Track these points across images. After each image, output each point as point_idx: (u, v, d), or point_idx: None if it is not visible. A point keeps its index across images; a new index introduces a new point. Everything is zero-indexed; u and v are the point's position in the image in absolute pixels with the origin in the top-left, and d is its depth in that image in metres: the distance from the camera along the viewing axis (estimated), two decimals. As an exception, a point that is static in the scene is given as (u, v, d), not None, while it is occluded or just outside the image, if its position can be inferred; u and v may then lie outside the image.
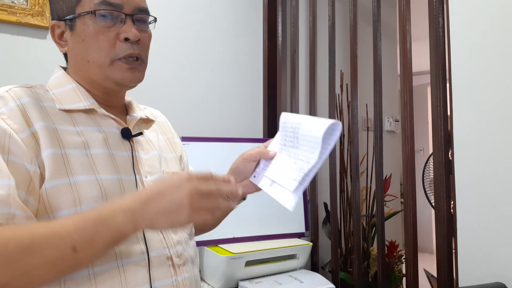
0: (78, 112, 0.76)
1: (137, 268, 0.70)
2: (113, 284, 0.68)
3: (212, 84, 1.99)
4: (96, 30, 0.74)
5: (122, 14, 0.75)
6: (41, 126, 0.69)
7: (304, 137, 0.76)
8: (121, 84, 0.78)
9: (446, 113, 1.30)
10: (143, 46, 0.79)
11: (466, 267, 1.20)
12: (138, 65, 0.78)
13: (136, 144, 0.81)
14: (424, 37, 1.56)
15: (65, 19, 0.76)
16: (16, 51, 1.56)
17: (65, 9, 0.76)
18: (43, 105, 0.72)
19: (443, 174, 1.29)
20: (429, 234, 4.64)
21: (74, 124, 0.74)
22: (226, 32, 2.08)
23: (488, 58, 1.18)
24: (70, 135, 0.72)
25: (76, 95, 0.77)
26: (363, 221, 1.91)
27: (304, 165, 0.74)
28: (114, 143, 0.77)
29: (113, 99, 0.82)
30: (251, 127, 2.13)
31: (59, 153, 0.69)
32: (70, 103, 0.75)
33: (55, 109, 0.74)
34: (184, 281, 0.77)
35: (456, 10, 1.26)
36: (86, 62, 0.76)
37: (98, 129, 0.76)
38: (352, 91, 1.75)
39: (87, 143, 0.73)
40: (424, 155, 4.98)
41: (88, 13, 0.74)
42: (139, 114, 0.85)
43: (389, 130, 2.49)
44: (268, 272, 1.53)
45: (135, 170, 0.78)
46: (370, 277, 1.83)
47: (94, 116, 0.77)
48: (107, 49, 0.75)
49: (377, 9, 1.63)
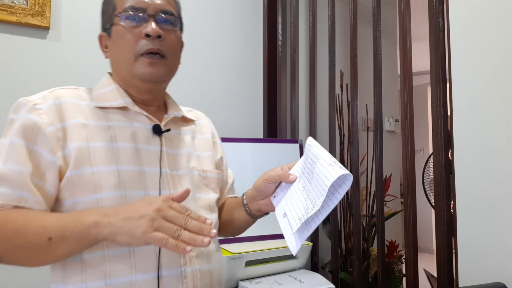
0: (113, 109, 0.84)
1: (147, 255, 0.76)
2: (124, 267, 0.74)
3: (212, 84, 1.99)
4: (123, 31, 0.82)
5: (145, 15, 0.82)
6: (73, 122, 0.78)
7: (318, 176, 0.75)
8: (144, 79, 0.83)
9: (446, 113, 1.30)
10: (166, 43, 0.84)
11: (466, 267, 1.20)
12: (158, 60, 0.83)
13: (165, 140, 0.87)
14: (424, 37, 1.56)
15: (106, 29, 0.87)
16: (16, 51, 1.56)
17: (106, 20, 0.87)
18: (81, 104, 0.82)
19: (443, 174, 1.29)
20: (429, 234, 4.65)
21: (106, 120, 0.82)
22: (226, 32, 2.08)
23: (488, 58, 1.18)
24: (100, 129, 0.80)
25: (113, 94, 0.85)
26: (363, 221, 1.91)
27: (310, 207, 0.73)
28: (143, 138, 0.84)
29: (148, 97, 0.88)
30: (251, 127, 2.13)
31: (85, 146, 0.77)
32: (106, 102, 0.84)
33: (92, 107, 0.82)
34: (194, 272, 0.80)
35: (456, 10, 1.26)
36: (118, 62, 0.85)
37: (129, 125, 0.83)
38: (352, 91, 1.75)
39: (115, 137, 0.81)
40: (424, 155, 4.98)
41: (116, 16, 0.83)
42: (175, 113, 0.92)
43: (389, 130, 2.49)
44: (268, 272, 1.53)
45: (161, 163, 0.84)
46: (370, 277, 1.83)
47: (128, 113, 0.84)
48: (132, 46, 0.82)
49: (377, 9, 1.63)
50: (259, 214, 0.92)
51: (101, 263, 0.74)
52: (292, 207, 0.78)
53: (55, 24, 1.63)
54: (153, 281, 0.75)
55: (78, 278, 0.74)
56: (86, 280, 0.74)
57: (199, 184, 0.90)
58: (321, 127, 2.04)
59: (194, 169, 0.90)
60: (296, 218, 0.75)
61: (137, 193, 0.78)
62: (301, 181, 0.80)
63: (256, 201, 0.89)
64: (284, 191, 0.83)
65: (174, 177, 0.85)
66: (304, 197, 0.76)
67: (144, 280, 0.75)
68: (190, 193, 0.84)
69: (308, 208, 0.73)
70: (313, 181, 0.76)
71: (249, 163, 1.72)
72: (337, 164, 0.73)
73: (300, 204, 0.76)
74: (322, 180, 0.72)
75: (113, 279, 0.74)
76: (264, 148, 1.79)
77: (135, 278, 0.75)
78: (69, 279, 0.75)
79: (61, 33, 1.65)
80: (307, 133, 2.08)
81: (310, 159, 0.80)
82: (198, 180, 0.91)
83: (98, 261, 0.74)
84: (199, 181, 0.91)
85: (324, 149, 0.79)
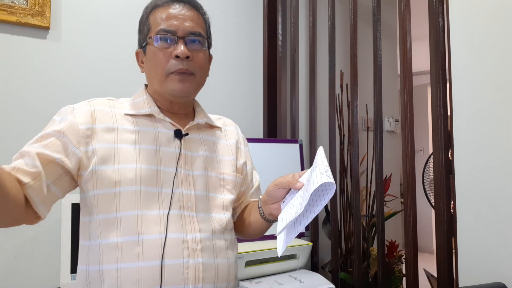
0: (141, 116, 0.95)
1: (153, 244, 0.85)
2: (133, 253, 0.84)
3: (212, 84, 1.99)
4: (156, 50, 0.92)
5: (175, 37, 0.92)
6: (102, 126, 0.90)
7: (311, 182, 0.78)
8: (174, 95, 0.94)
9: (446, 113, 1.30)
10: (194, 62, 0.93)
11: (466, 267, 1.20)
12: (187, 78, 0.93)
13: (185, 143, 0.96)
14: (424, 37, 1.56)
15: (142, 47, 0.97)
16: (16, 51, 1.56)
17: (142, 39, 0.97)
18: (114, 111, 0.94)
19: (443, 174, 1.29)
20: (429, 234, 4.65)
21: (134, 124, 0.93)
22: (226, 32, 2.08)
23: (488, 58, 1.18)
24: (127, 133, 0.91)
25: (143, 103, 0.96)
26: (363, 221, 1.91)
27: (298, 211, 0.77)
28: (165, 141, 0.94)
29: (175, 107, 0.98)
30: (251, 127, 2.13)
31: (111, 147, 0.89)
32: (135, 110, 0.95)
33: (122, 114, 0.94)
34: (196, 264, 0.87)
35: (456, 10, 1.26)
36: (152, 79, 0.95)
37: (153, 130, 0.94)
38: (352, 91, 1.75)
39: (139, 140, 0.92)
40: (424, 155, 4.98)
41: (150, 38, 0.93)
42: (198, 120, 1.01)
43: (389, 130, 2.49)
44: (268, 272, 1.53)
45: (177, 163, 0.93)
46: (370, 277, 1.83)
47: (154, 120, 0.95)
48: (163, 65, 0.92)
49: (377, 9, 1.63)
50: (272, 218, 0.97)
51: (114, 249, 0.84)
52: (288, 211, 0.82)
53: (55, 24, 1.63)
54: (157, 268, 0.84)
55: (96, 259, 0.86)
56: (102, 262, 0.85)
57: (215, 185, 0.98)
58: (321, 127, 2.04)
59: (212, 171, 0.98)
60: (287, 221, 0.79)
61: (151, 189, 0.88)
62: (304, 188, 0.84)
63: (268, 205, 0.94)
64: (291, 196, 0.88)
65: (188, 177, 0.94)
66: (299, 202, 0.80)
67: (149, 267, 0.84)
68: (204, 192, 0.94)
69: (296, 213, 0.77)
70: (307, 188, 0.80)
71: (249, 163, 1.72)
72: (327, 172, 0.77)
73: (294, 210, 0.80)
74: (310, 187, 0.77)
75: (124, 263, 0.84)
76: (264, 148, 1.79)
77: (142, 264, 0.84)
78: (90, 261, 0.87)
79: (61, 33, 1.65)
80: (307, 133, 2.08)
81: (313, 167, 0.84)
82: (215, 181, 0.98)
83: (112, 247, 0.85)
84: (215, 182, 0.98)
85: (325, 157, 0.83)
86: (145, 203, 0.87)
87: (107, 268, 0.84)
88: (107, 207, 0.86)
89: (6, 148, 1.49)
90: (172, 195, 0.89)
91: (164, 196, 0.89)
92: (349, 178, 1.92)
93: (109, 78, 1.73)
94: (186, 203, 0.91)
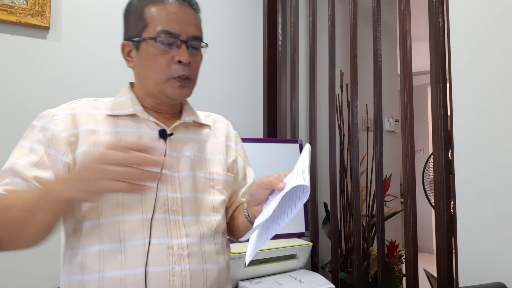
0: (123, 116, 0.91)
1: (136, 251, 0.81)
2: (116, 262, 0.80)
3: (212, 84, 1.99)
4: (156, 52, 0.88)
5: (178, 41, 0.89)
6: (84, 128, 0.86)
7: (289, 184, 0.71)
8: (171, 98, 0.91)
9: (446, 113, 1.30)
10: (193, 68, 0.92)
11: (466, 267, 1.20)
12: (187, 83, 0.91)
13: (171, 143, 0.92)
14: (424, 37, 1.56)
15: (133, 41, 0.91)
16: (16, 51, 1.56)
17: (134, 32, 0.91)
18: (94, 113, 0.90)
19: (443, 174, 1.29)
20: (429, 234, 4.64)
21: (115, 126, 0.89)
22: (226, 32, 2.08)
23: (488, 58, 1.18)
24: (107, 135, 0.87)
25: (127, 103, 0.92)
26: (363, 221, 1.91)
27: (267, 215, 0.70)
28: (149, 141, 0.90)
29: (164, 107, 0.95)
30: (251, 127, 2.13)
31: (92, 150, 0.84)
32: (117, 110, 0.91)
33: (104, 115, 0.90)
34: (183, 271, 0.83)
35: (456, 10, 1.26)
36: (146, 78, 0.91)
37: (137, 130, 0.90)
38: (352, 91, 1.75)
39: (121, 141, 0.87)
40: (424, 155, 4.98)
41: (151, 38, 0.88)
42: (185, 119, 0.97)
43: (389, 130, 2.49)
44: (268, 272, 1.53)
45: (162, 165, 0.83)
46: (370, 277, 1.83)
47: (137, 119, 0.91)
48: (164, 69, 0.88)
49: (377, 9, 1.63)
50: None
51: (96, 257, 0.81)
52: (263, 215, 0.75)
53: (55, 24, 1.63)
54: (141, 276, 0.80)
55: (78, 268, 0.83)
56: (83, 271, 0.82)
57: (204, 186, 0.94)
58: (321, 127, 2.04)
59: (200, 172, 0.94)
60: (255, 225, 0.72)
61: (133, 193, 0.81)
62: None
63: (251, 206, 0.88)
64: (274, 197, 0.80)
65: (174, 179, 0.89)
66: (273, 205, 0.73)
67: (133, 275, 0.80)
68: (191, 194, 0.90)
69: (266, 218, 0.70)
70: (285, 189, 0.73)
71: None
72: (304, 173, 0.69)
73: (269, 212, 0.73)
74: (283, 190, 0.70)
75: (106, 273, 0.80)
76: (264, 148, 1.79)
77: (125, 273, 0.80)
78: (72, 271, 0.84)
79: (61, 33, 1.65)
80: (307, 133, 2.07)
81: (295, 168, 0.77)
82: (204, 182, 0.94)
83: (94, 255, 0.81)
84: (204, 183, 0.94)
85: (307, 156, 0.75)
86: (127, 208, 0.83)
87: (89, 278, 0.81)
88: (88, 214, 0.83)
89: (6, 148, 1.49)
90: (156, 199, 0.85)
91: (147, 200, 0.84)
92: (349, 178, 1.92)
93: (109, 78, 1.73)
94: (171, 206, 0.87)
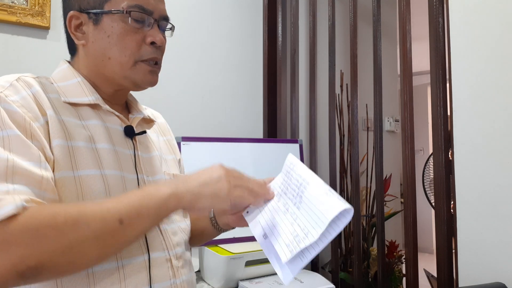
0: (83, 106, 0.76)
1: (137, 268, 0.70)
2: (112, 284, 0.67)
3: (212, 84, 1.99)
4: (125, 29, 0.75)
5: (151, 19, 0.77)
6: (51, 115, 0.69)
7: (310, 203, 0.68)
8: (139, 85, 0.79)
9: (446, 113, 1.30)
10: (162, 52, 0.81)
11: (466, 267, 1.20)
12: (157, 69, 0.80)
13: (138, 143, 0.81)
14: (424, 37, 1.56)
15: (89, 12, 0.76)
16: (16, 51, 1.56)
17: (92, 2, 0.77)
18: (49, 96, 0.72)
19: (443, 174, 1.29)
20: (429, 234, 4.65)
21: (79, 117, 0.74)
22: (226, 32, 2.08)
23: (488, 58, 1.18)
24: (76, 127, 0.72)
25: (81, 89, 0.77)
26: (363, 221, 1.91)
27: (301, 235, 0.66)
28: (117, 140, 0.77)
29: (119, 97, 0.83)
30: (251, 127, 2.13)
31: (66, 145, 0.69)
32: (75, 97, 0.75)
33: (60, 101, 0.73)
34: (182, 283, 0.77)
35: (456, 10, 1.26)
36: (107, 59, 0.76)
37: (102, 124, 0.76)
38: (352, 91, 1.75)
39: (93, 137, 0.73)
40: (424, 155, 4.98)
41: (119, 12, 0.75)
42: (141, 113, 0.86)
43: (389, 130, 2.49)
44: (268, 272, 1.53)
45: (137, 169, 0.78)
46: (370, 277, 1.83)
47: (99, 112, 0.77)
48: (133, 50, 0.76)
49: (377, 9, 1.63)
50: (227, 228, 0.89)
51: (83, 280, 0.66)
52: (274, 229, 0.71)
53: (55, 24, 1.63)
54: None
55: None
56: None
57: None
58: (321, 127, 2.04)
59: (165, 174, 0.85)
60: (281, 244, 0.68)
61: None
62: (281, 201, 0.73)
63: (226, 215, 0.83)
64: (259, 208, 0.76)
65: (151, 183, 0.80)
66: (289, 221, 0.69)
67: None
68: None
69: (298, 236, 0.66)
70: (302, 206, 0.69)
71: (249, 163, 1.72)
72: (334, 193, 0.66)
73: (285, 228, 0.69)
74: (318, 211, 0.66)
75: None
76: (264, 148, 1.79)
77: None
78: None
79: (61, 33, 1.65)
80: (307, 133, 2.07)
81: (295, 180, 0.73)
82: None
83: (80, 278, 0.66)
84: None
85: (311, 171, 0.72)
86: None
87: None
88: None
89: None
90: None
91: None
92: (349, 178, 1.92)
93: (109, 78, 1.73)
94: None
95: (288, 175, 0.75)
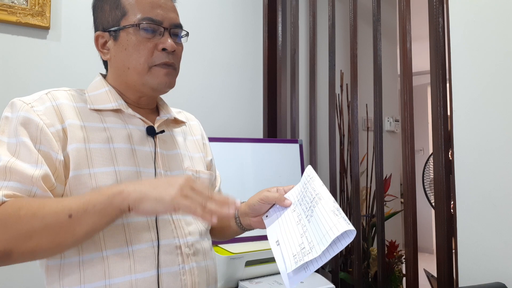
0: (107, 111, 0.86)
1: (146, 254, 0.78)
2: (123, 267, 0.75)
3: (212, 84, 1.99)
4: (138, 40, 0.84)
5: (161, 28, 0.86)
6: (70, 123, 0.80)
7: (319, 219, 0.73)
8: (157, 89, 0.87)
9: (446, 113, 1.30)
10: (177, 56, 0.89)
11: (466, 267, 1.20)
12: (172, 71, 0.88)
13: (159, 141, 0.89)
14: (424, 37, 1.56)
15: (110, 30, 0.87)
16: (16, 51, 1.56)
17: (111, 21, 0.87)
18: (76, 106, 0.83)
19: (443, 174, 1.29)
20: (429, 234, 4.65)
21: (102, 121, 0.84)
22: (226, 32, 2.08)
23: (488, 58, 1.18)
24: (97, 131, 0.82)
25: (107, 96, 0.87)
26: (363, 221, 1.91)
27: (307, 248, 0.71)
28: (138, 139, 0.86)
29: (145, 101, 0.92)
30: (251, 127, 2.13)
31: (83, 147, 0.79)
32: (100, 104, 0.86)
33: (86, 109, 0.84)
34: (192, 269, 0.83)
35: (456, 10, 1.26)
36: (127, 69, 0.86)
37: (124, 126, 0.86)
38: (352, 91, 1.75)
39: (111, 138, 0.83)
40: (424, 155, 4.98)
41: (132, 26, 0.84)
42: (167, 115, 0.95)
43: (389, 130, 2.49)
44: (268, 272, 1.53)
45: (155, 164, 0.86)
46: (370, 277, 1.83)
47: (122, 115, 0.87)
48: (146, 57, 0.84)
49: (377, 9, 1.63)
50: (249, 228, 0.96)
51: (99, 264, 0.75)
52: (286, 237, 0.77)
53: (55, 24, 1.63)
54: (153, 279, 0.77)
55: (76, 278, 0.74)
56: (84, 281, 0.74)
57: None
58: (321, 127, 2.04)
59: (188, 170, 0.93)
60: (290, 254, 0.73)
61: None
62: (296, 211, 0.79)
63: (249, 217, 0.91)
64: (277, 213, 0.84)
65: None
66: (299, 232, 0.75)
67: (143, 279, 0.76)
68: None
69: (304, 249, 0.72)
70: (312, 220, 0.74)
71: (249, 163, 1.72)
72: (341, 213, 0.71)
73: (295, 238, 0.75)
74: (324, 228, 0.71)
75: (113, 279, 0.75)
76: (264, 148, 1.79)
77: (135, 277, 0.76)
78: (66, 280, 0.75)
79: (61, 33, 1.65)
80: (307, 133, 2.08)
81: (310, 193, 0.78)
82: None
83: (97, 262, 0.75)
84: None
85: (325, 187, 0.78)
86: None
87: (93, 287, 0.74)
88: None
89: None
90: None
91: None
92: (349, 178, 1.92)
93: (109, 78, 1.73)
94: None
95: (305, 187, 0.81)
